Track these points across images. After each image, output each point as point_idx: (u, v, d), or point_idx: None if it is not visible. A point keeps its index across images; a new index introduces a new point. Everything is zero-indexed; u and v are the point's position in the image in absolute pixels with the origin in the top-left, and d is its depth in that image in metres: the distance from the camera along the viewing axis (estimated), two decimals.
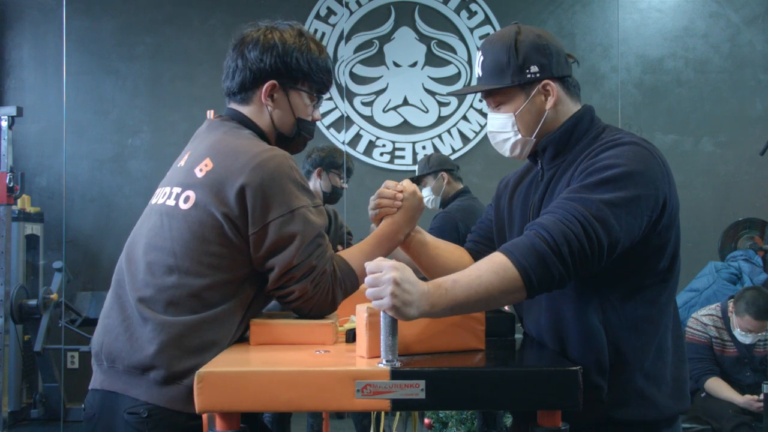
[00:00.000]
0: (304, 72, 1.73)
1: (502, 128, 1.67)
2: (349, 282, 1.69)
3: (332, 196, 3.80)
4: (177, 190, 1.66)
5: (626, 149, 1.51)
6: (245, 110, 1.76)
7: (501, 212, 1.83)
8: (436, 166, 4.15)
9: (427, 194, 4.15)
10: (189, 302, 1.58)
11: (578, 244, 1.40)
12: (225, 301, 1.60)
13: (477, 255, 1.84)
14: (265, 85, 1.72)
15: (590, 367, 1.51)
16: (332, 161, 3.77)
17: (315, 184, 3.75)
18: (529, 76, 1.62)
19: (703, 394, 4.25)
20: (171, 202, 1.65)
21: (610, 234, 1.42)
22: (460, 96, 5.85)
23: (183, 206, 1.62)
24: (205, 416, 1.51)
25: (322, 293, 1.64)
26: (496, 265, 1.39)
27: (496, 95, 1.67)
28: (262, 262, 1.62)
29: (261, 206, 1.57)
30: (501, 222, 1.82)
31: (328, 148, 3.86)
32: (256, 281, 1.66)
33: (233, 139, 1.66)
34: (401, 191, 1.79)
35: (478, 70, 1.69)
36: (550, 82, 1.63)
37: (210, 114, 1.81)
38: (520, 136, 1.67)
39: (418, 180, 4.19)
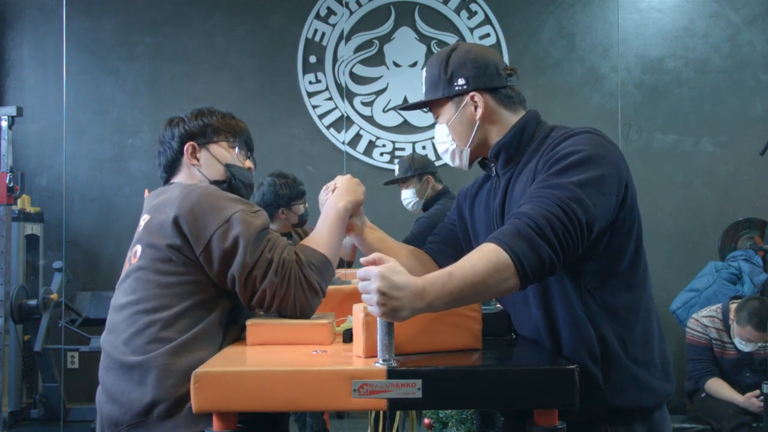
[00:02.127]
0: (213, 127, 1.86)
1: (442, 138, 1.77)
2: (317, 261, 1.70)
3: (300, 222, 3.70)
4: (130, 254, 1.76)
5: (582, 137, 1.58)
6: (178, 179, 1.86)
7: (464, 222, 1.89)
8: (421, 168, 4.07)
9: (410, 196, 4.08)
10: (165, 334, 1.62)
11: (560, 224, 1.43)
12: (200, 321, 1.64)
13: (437, 255, 1.91)
14: (185, 148, 1.84)
15: (584, 356, 1.55)
16: (285, 194, 3.60)
17: (282, 222, 3.62)
18: (456, 88, 1.70)
19: (702, 394, 4.25)
20: (127, 265, 1.75)
21: (586, 212, 1.46)
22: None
23: (134, 260, 1.72)
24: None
25: (295, 283, 1.65)
26: (487, 253, 1.41)
27: (434, 107, 1.77)
28: (222, 278, 1.65)
29: (198, 227, 1.63)
30: (465, 231, 1.88)
31: (271, 184, 3.60)
32: (232, 294, 1.69)
33: (164, 194, 1.76)
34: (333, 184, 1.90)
35: (423, 86, 1.79)
36: (477, 94, 1.69)
37: (146, 192, 1.97)
38: (455, 145, 1.75)
39: (400, 181, 4.11)
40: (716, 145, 5.90)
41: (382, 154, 5.91)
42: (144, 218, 1.75)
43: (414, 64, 5.92)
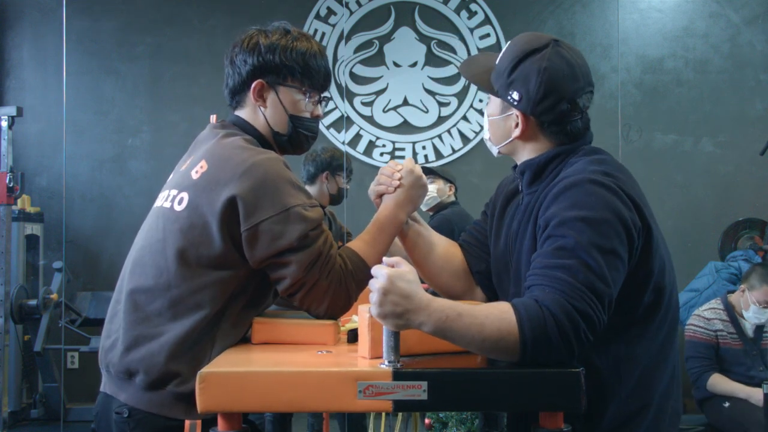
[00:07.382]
0: (288, 67, 1.72)
1: (485, 121, 1.71)
2: (362, 273, 1.66)
3: (338, 197, 3.82)
4: (174, 192, 1.67)
5: (573, 219, 1.42)
6: (242, 113, 1.77)
7: (493, 218, 1.78)
8: (449, 175, 4.49)
9: (433, 191, 4.33)
10: (175, 308, 1.59)
11: (584, 326, 1.36)
12: (211, 304, 1.59)
13: (467, 252, 1.84)
14: (253, 85, 1.73)
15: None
16: (339, 163, 3.78)
17: (322, 187, 3.75)
18: (509, 98, 1.59)
19: (726, 404, 4.10)
20: (167, 204, 1.67)
21: (604, 301, 1.39)
22: (461, 95, 5.88)
23: (177, 208, 1.63)
24: (187, 423, 1.52)
25: (336, 287, 1.62)
26: (501, 323, 1.34)
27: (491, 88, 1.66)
28: (258, 262, 1.60)
29: (253, 207, 1.56)
30: (490, 229, 1.79)
31: (331, 149, 3.86)
32: (248, 286, 1.64)
33: (228, 144, 1.66)
34: (400, 169, 1.78)
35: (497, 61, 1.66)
36: (521, 116, 1.59)
37: (212, 118, 1.82)
38: (489, 136, 1.69)
39: (430, 172, 4.38)
40: (716, 145, 5.90)
41: (382, 154, 5.91)
42: (201, 164, 1.64)
43: (414, 64, 5.92)
